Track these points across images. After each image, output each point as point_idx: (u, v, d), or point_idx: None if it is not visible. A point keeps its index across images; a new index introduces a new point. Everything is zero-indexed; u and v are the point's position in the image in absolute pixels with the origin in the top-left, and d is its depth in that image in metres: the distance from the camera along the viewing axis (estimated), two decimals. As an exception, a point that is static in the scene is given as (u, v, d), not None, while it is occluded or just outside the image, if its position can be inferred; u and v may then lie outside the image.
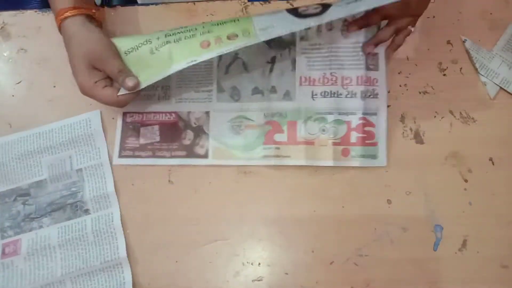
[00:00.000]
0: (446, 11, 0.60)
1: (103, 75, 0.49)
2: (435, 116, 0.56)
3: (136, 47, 0.50)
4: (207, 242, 0.51)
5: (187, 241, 0.51)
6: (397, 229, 0.52)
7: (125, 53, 0.50)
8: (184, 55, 0.49)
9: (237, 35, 0.49)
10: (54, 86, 0.57)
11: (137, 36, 0.52)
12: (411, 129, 0.55)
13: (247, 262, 0.51)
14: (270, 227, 0.52)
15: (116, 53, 0.50)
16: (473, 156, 0.54)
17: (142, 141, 0.55)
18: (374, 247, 0.51)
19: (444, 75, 0.58)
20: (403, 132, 0.55)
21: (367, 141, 0.54)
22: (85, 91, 0.49)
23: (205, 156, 0.54)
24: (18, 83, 0.58)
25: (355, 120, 0.54)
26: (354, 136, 0.54)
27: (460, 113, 0.56)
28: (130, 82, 0.48)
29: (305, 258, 0.51)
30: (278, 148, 0.54)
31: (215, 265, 0.51)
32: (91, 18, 0.52)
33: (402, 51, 0.58)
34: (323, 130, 0.54)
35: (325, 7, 0.49)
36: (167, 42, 0.50)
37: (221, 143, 0.54)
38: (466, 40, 0.59)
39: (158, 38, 0.50)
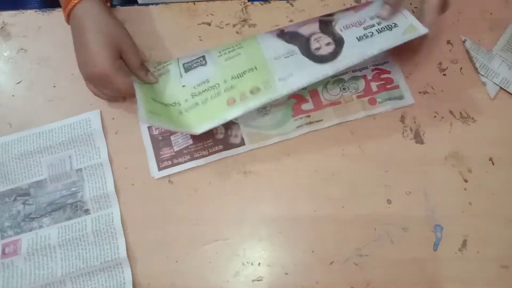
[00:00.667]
0: (446, 11, 0.60)
1: (122, 63, 0.51)
2: (435, 116, 0.56)
3: (164, 105, 0.53)
4: (207, 242, 0.51)
5: (187, 241, 0.51)
6: (397, 229, 0.52)
7: (153, 99, 0.52)
8: (213, 115, 0.51)
9: (259, 89, 0.51)
10: (54, 86, 0.57)
11: (161, 96, 0.53)
12: (411, 129, 0.55)
13: (247, 262, 0.51)
14: (270, 227, 0.52)
15: (136, 45, 0.53)
16: (473, 156, 0.54)
17: (176, 148, 0.55)
18: (374, 247, 0.51)
19: (444, 75, 0.58)
20: (403, 132, 0.55)
21: (388, 86, 0.57)
22: (105, 75, 0.49)
23: (242, 143, 0.55)
24: (18, 83, 0.58)
25: (369, 73, 0.58)
26: (374, 85, 0.57)
27: (460, 113, 0.56)
28: (152, 78, 0.53)
29: (305, 258, 0.51)
30: (308, 116, 0.56)
31: (215, 265, 0.51)
32: (105, 2, 0.52)
33: (402, 51, 0.58)
34: (344, 89, 0.57)
35: (338, 44, 0.53)
36: (196, 104, 0.52)
37: (253, 127, 0.56)
38: (466, 40, 0.59)
39: (186, 100, 0.52)
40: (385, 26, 0.53)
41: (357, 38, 0.53)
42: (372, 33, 0.53)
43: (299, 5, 0.59)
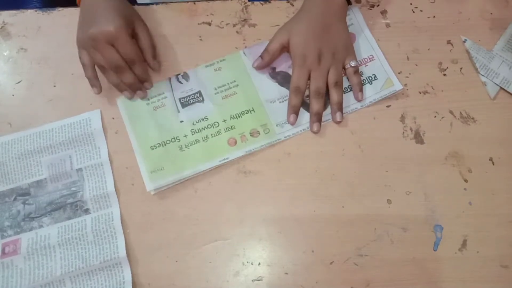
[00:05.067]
0: (446, 11, 0.61)
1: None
2: (435, 116, 0.56)
3: (163, 143, 0.54)
4: (207, 242, 0.51)
5: (187, 241, 0.51)
6: (397, 229, 0.52)
7: (151, 148, 0.54)
8: (216, 153, 0.54)
9: (258, 132, 0.55)
10: (54, 86, 0.57)
11: (159, 131, 0.55)
12: (411, 129, 0.55)
13: (247, 262, 0.51)
14: (270, 227, 0.52)
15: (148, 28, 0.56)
16: (473, 156, 0.54)
17: None
18: (374, 247, 0.51)
19: (444, 75, 0.58)
20: (403, 132, 0.55)
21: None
22: (115, 34, 0.50)
23: None
24: (18, 83, 0.58)
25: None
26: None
27: (460, 113, 0.56)
28: (157, 64, 0.55)
29: (305, 258, 0.51)
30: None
31: (215, 265, 0.51)
32: None
33: (402, 51, 0.58)
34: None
35: (326, 93, 0.56)
36: (197, 140, 0.54)
37: None
38: (466, 40, 0.59)
39: (185, 136, 0.55)
40: (367, 78, 0.57)
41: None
42: None
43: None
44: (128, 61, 0.52)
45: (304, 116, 0.56)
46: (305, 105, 0.56)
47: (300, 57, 0.54)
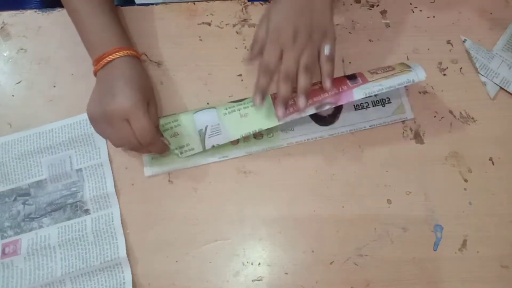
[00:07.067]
0: (446, 11, 0.61)
1: None
2: (435, 116, 0.56)
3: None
4: (207, 242, 0.51)
5: (187, 241, 0.51)
6: (397, 229, 0.52)
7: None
8: (216, 150, 0.53)
9: (262, 135, 0.54)
10: (54, 86, 0.57)
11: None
12: (411, 129, 0.55)
13: (247, 262, 0.51)
14: (270, 227, 0.52)
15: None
16: (473, 156, 0.54)
17: None
18: (374, 247, 0.51)
19: (444, 75, 0.58)
20: (403, 132, 0.55)
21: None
22: (135, 111, 0.47)
23: None
24: (18, 83, 0.58)
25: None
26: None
27: (460, 113, 0.56)
28: (166, 145, 0.52)
29: (305, 258, 0.51)
30: None
31: (215, 265, 0.51)
32: (138, 56, 0.53)
33: (402, 51, 0.58)
34: None
35: (337, 108, 0.55)
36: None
37: None
38: (466, 40, 0.59)
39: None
40: (380, 100, 0.56)
41: (354, 106, 0.56)
42: (368, 104, 0.56)
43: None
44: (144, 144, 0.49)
45: (311, 127, 0.55)
46: (314, 116, 0.55)
47: (274, 31, 0.49)
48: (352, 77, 0.52)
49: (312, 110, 0.50)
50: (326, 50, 0.49)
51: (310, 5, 0.49)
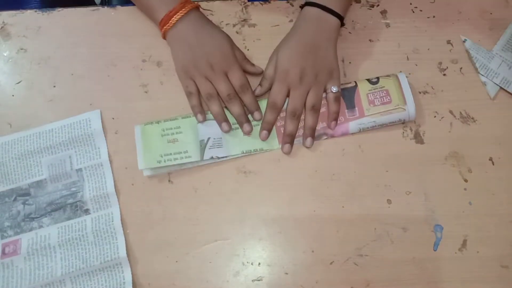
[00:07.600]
0: (446, 11, 0.61)
1: None
2: (435, 116, 0.56)
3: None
4: (207, 242, 0.51)
5: (187, 241, 0.51)
6: (397, 229, 0.52)
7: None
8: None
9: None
10: (54, 86, 0.57)
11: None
12: (411, 129, 0.55)
13: (247, 262, 0.51)
14: (270, 227, 0.52)
15: None
16: (473, 156, 0.54)
17: None
18: (374, 247, 0.51)
19: (444, 75, 0.58)
20: (403, 132, 0.55)
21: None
22: (231, 56, 0.53)
23: None
24: (18, 83, 0.58)
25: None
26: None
27: (460, 113, 0.56)
28: (259, 68, 0.56)
29: (305, 258, 0.51)
30: None
31: (215, 265, 0.51)
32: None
33: (402, 51, 0.58)
34: None
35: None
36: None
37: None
38: (466, 40, 0.59)
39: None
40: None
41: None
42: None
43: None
44: (239, 90, 0.53)
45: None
46: None
47: (282, 72, 0.53)
48: (351, 107, 0.54)
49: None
50: (334, 89, 0.53)
51: (317, 45, 0.54)
